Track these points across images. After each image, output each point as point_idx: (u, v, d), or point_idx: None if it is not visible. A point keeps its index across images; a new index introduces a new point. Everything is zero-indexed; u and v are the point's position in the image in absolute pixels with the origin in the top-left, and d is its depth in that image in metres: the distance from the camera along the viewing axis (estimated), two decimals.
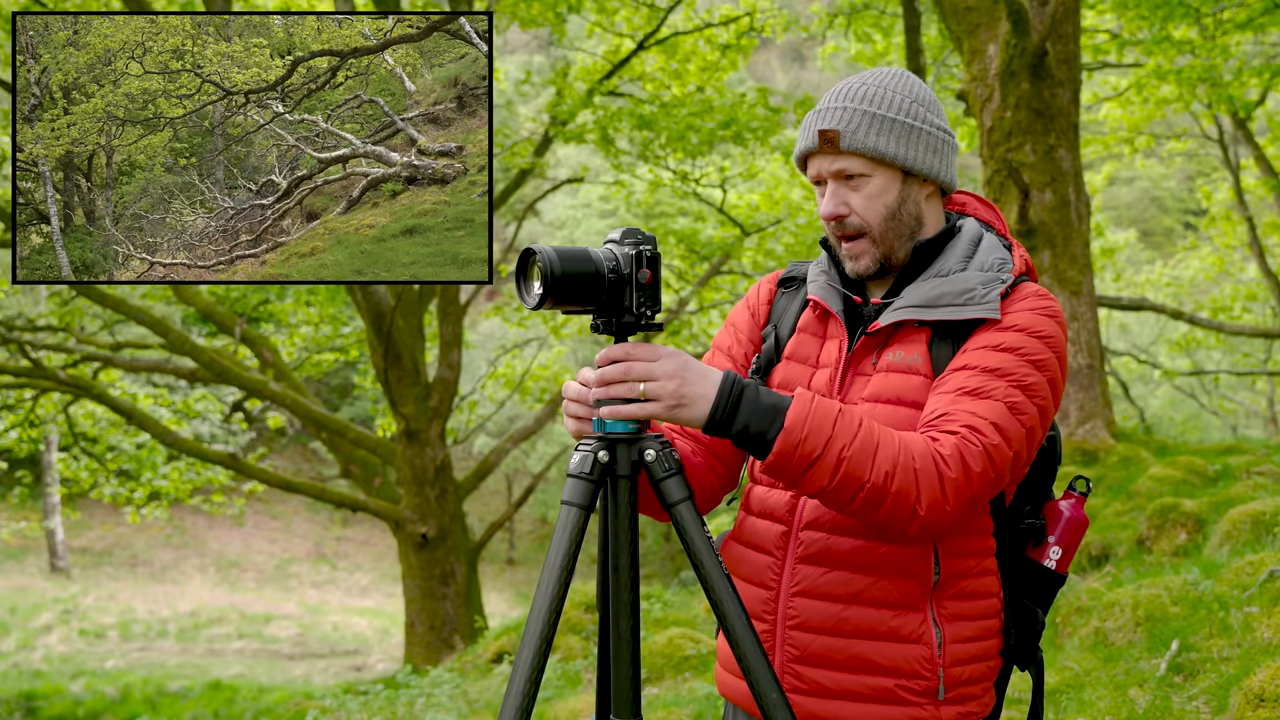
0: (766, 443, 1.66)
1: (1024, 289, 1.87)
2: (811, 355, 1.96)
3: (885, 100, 1.86)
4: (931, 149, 1.89)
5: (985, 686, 1.88)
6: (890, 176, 1.87)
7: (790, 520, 1.89)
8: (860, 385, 1.88)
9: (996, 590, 1.89)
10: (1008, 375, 1.76)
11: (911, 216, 1.89)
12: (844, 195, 1.88)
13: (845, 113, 1.85)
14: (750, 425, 1.66)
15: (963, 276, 1.86)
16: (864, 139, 1.84)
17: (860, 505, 1.67)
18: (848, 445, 1.65)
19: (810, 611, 1.84)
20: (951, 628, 1.82)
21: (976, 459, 1.69)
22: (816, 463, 1.65)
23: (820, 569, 1.84)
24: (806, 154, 1.91)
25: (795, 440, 1.64)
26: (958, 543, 1.83)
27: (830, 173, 1.88)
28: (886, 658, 1.80)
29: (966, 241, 1.92)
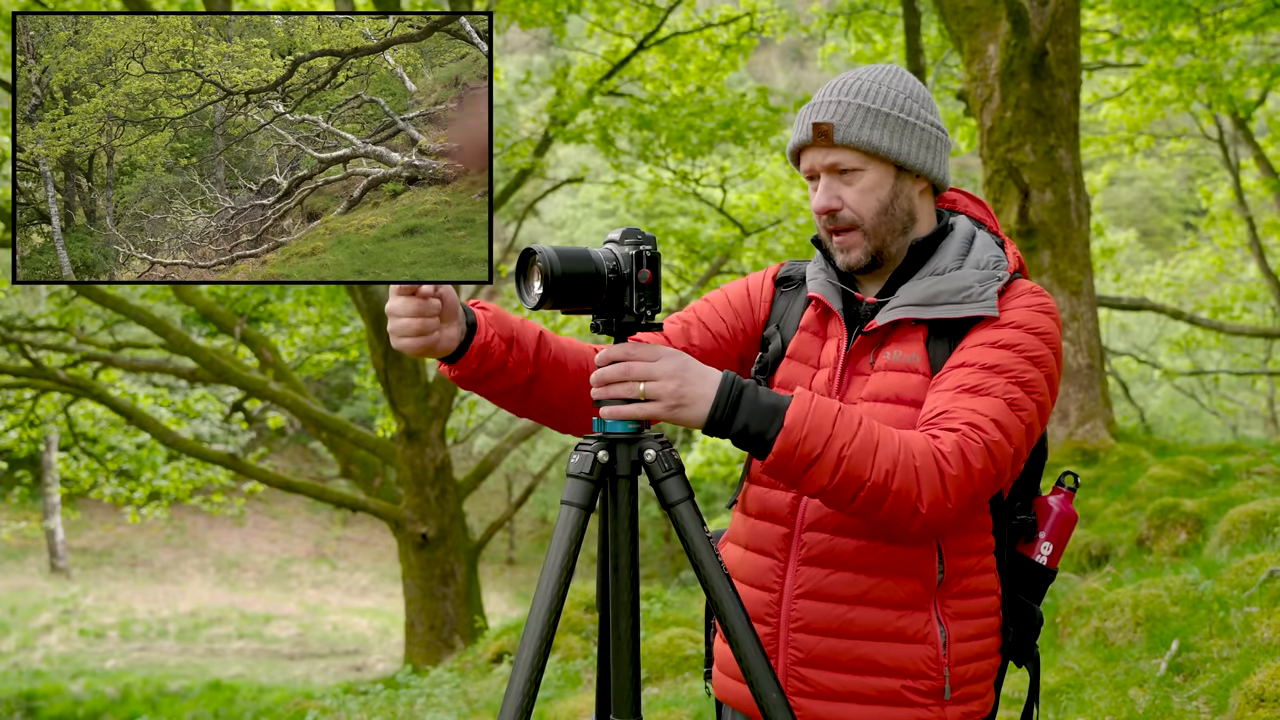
0: (766, 442, 1.65)
1: (1019, 286, 1.87)
2: (813, 355, 1.96)
3: (880, 95, 1.86)
4: (925, 145, 1.88)
5: (987, 685, 1.88)
6: (883, 171, 1.86)
7: (792, 522, 1.88)
8: (859, 384, 1.87)
9: (996, 588, 1.89)
10: (1006, 372, 1.76)
11: (904, 212, 1.89)
12: (837, 189, 1.87)
13: (840, 106, 1.85)
14: (750, 425, 1.66)
15: (959, 274, 1.86)
16: (858, 132, 1.84)
17: (861, 504, 1.66)
18: (848, 444, 1.64)
19: (815, 614, 1.83)
20: (955, 626, 1.82)
21: (978, 456, 1.69)
22: (816, 462, 1.64)
23: (825, 570, 1.83)
24: (800, 147, 1.91)
25: (795, 440, 1.63)
26: (959, 541, 1.83)
27: (824, 166, 1.88)
28: (892, 658, 1.79)
29: (960, 239, 1.92)
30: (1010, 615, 1.91)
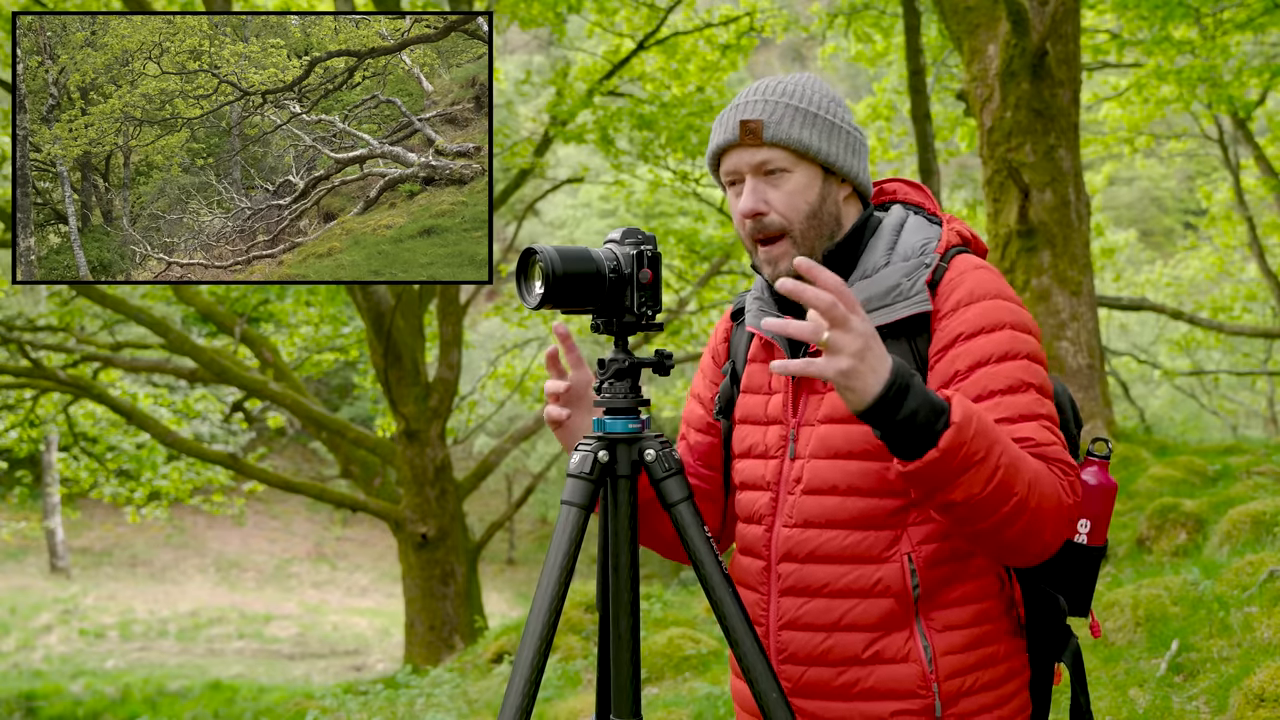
0: (933, 434, 1.53)
1: (957, 266, 1.79)
2: (764, 384, 1.91)
3: (807, 97, 1.82)
4: (850, 149, 1.84)
5: (1004, 693, 1.81)
6: (811, 173, 1.81)
7: (767, 555, 1.84)
8: (814, 405, 1.82)
9: (998, 589, 1.82)
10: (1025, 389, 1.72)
11: (831, 217, 1.83)
12: (764, 191, 1.79)
13: (769, 105, 1.80)
14: (919, 413, 1.52)
15: (885, 273, 1.79)
16: (788, 130, 1.79)
17: (1001, 519, 1.59)
18: (1006, 452, 1.57)
19: (797, 644, 1.80)
20: (942, 639, 1.76)
21: (1076, 489, 1.69)
22: (978, 464, 1.55)
23: (800, 600, 1.80)
24: (724, 148, 1.83)
25: (965, 438, 1.53)
26: (932, 549, 1.76)
27: (751, 166, 1.80)
28: (880, 681, 1.75)
29: (889, 232, 1.85)
30: (1032, 611, 1.85)
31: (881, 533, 1.76)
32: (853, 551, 1.77)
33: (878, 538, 1.76)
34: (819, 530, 1.79)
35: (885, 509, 1.76)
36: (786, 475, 1.84)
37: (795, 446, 1.83)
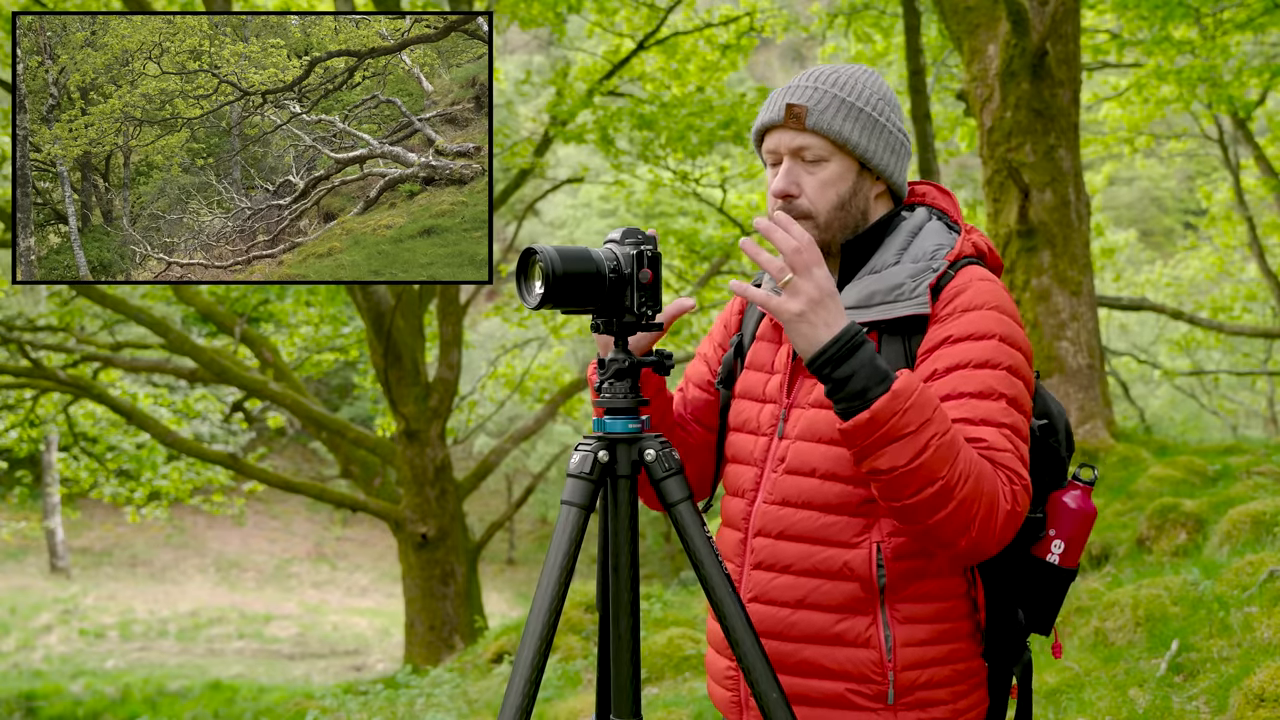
0: (865, 400, 1.61)
1: (965, 277, 1.82)
2: (767, 362, 1.95)
3: (856, 90, 1.85)
4: (890, 148, 1.87)
5: (958, 690, 1.83)
6: (847, 165, 1.85)
7: (745, 528, 1.88)
8: (808, 389, 1.86)
9: (963, 590, 1.84)
10: (995, 396, 1.74)
11: (859, 211, 1.87)
12: (798, 175, 1.85)
13: (817, 93, 1.84)
14: (857, 375, 1.61)
15: (893, 271, 1.83)
16: (830, 120, 1.82)
17: (922, 501, 1.63)
18: (939, 435, 1.61)
19: (761, 616, 1.83)
20: (904, 630, 1.78)
21: (1023, 499, 1.70)
22: (906, 439, 1.60)
23: (769, 574, 1.84)
24: (768, 127, 1.88)
25: (897, 408, 1.59)
26: (901, 542, 1.79)
27: (789, 149, 1.85)
28: (835, 662, 1.79)
29: (906, 233, 1.89)
30: (992, 618, 1.87)
31: (854, 519, 1.80)
32: (824, 534, 1.80)
33: (849, 523, 1.80)
34: (794, 509, 1.83)
35: (859, 496, 1.79)
36: (773, 453, 1.88)
37: (784, 426, 1.88)
